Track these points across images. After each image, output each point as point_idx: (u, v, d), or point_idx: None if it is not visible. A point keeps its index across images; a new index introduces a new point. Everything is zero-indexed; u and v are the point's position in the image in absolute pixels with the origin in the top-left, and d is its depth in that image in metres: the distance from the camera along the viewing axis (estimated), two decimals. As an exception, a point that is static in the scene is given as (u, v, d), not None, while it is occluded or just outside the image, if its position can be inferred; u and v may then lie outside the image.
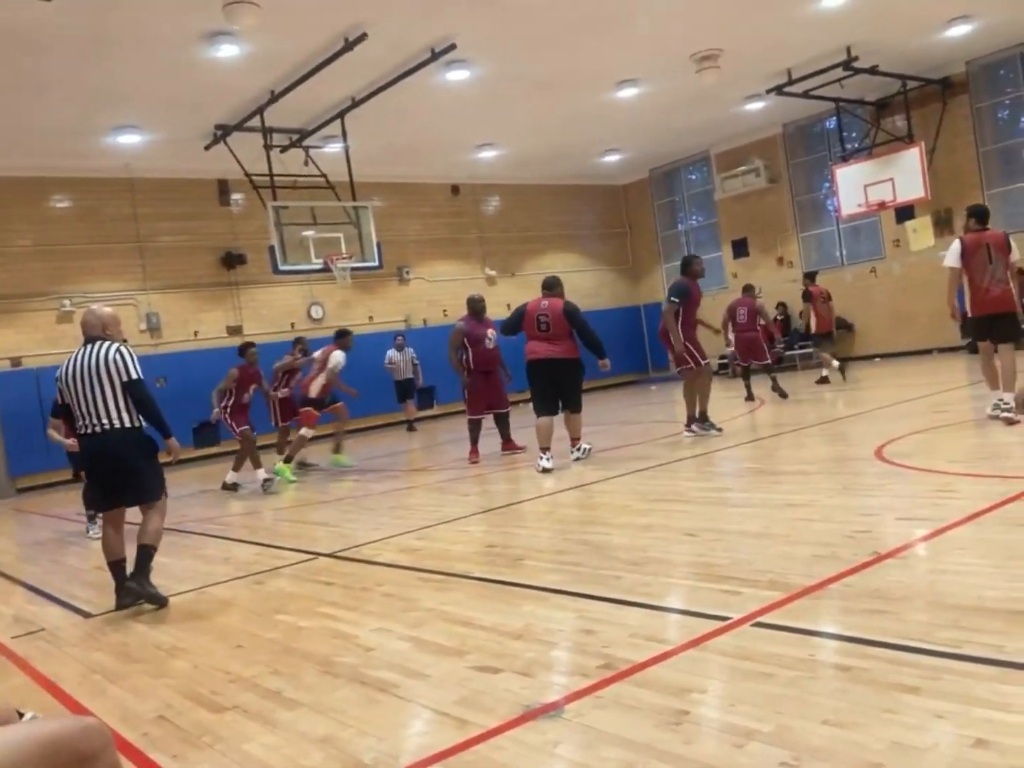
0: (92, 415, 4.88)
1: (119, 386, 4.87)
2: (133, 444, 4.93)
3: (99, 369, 4.86)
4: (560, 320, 8.32)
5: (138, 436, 4.96)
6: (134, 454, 4.93)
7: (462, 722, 2.76)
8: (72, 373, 4.93)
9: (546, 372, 8.34)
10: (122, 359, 4.89)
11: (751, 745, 2.35)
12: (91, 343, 4.99)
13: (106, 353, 4.89)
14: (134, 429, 4.93)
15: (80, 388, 4.88)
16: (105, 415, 4.86)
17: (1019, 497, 4.66)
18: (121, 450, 4.90)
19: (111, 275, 15.04)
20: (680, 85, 14.32)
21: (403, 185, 18.22)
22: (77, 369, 4.91)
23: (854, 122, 16.90)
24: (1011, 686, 2.48)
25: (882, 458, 6.43)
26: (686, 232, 21.45)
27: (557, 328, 8.32)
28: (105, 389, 4.86)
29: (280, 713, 3.08)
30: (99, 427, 4.87)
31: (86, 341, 5.03)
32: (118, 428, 4.87)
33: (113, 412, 4.87)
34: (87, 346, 4.98)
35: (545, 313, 8.37)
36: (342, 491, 8.98)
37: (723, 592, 3.73)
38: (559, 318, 8.32)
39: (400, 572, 5.03)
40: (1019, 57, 15.28)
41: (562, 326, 8.32)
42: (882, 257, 17.68)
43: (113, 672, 3.86)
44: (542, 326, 8.37)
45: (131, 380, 4.88)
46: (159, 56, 10.44)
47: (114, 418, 4.87)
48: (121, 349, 4.94)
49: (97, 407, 4.86)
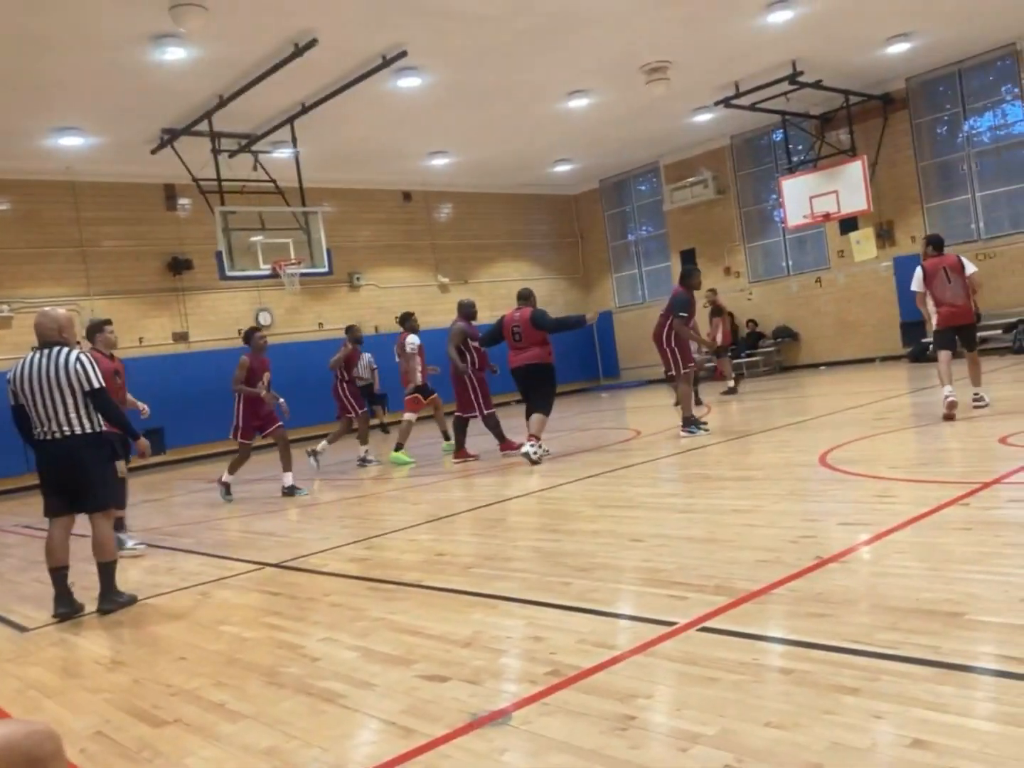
0: (51, 421, 4.84)
1: (80, 394, 4.85)
2: (92, 451, 4.92)
3: (59, 376, 4.82)
4: (529, 328, 8.94)
5: (97, 442, 4.95)
6: (92, 462, 4.92)
7: (408, 731, 2.74)
8: (28, 378, 4.86)
9: (520, 377, 9.08)
10: (83, 369, 4.86)
11: (696, 748, 2.37)
12: (48, 347, 4.91)
13: (66, 361, 4.85)
14: (94, 435, 4.93)
15: (38, 394, 4.83)
16: (65, 422, 4.84)
17: (955, 502, 4.79)
18: (80, 456, 4.88)
19: (53, 280, 14.70)
20: (630, 96, 14.49)
21: (354, 191, 18.12)
22: (34, 374, 4.85)
23: (799, 135, 17.26)
24: (947, 687, 2.54)
25: (826, 464, 6.55)
26: (636, 242, 21.68)
27: (528, 337, 8.96)
28: (66, 396, 4.83)
29: (223, 726, 3.02)
30: (58, 433, 4.84)
31: (42, 345, 4.94)
32: (78, 434, 4.86)
33: (73, 418, 4.85)
34: (43, 350, 4.90)
35: (518, 324, 9.04)
36: (291, 501, 8.87)
37: (670, 597, 3.76)
38: (528, 327, 8.95)
39: (348, 582, 4.98)
40: (957, 74, 15.76)
41: (532, 335, 8.94)
42: (827, 267, 18.06)
43: (49, 687, 3.76)
44: (516, 336, 9.06)
45: (93, 389, 4.87)
46: (103, 57, 10.26)
47: (74, 424, 4.85)
48: (82, 358, 4.91)
49: (57, 413, 4.83)
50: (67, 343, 4.99)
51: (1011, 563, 3.62)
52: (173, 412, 14.95)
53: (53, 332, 4.96)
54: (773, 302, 18.87)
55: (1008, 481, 5.17)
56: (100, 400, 4.91)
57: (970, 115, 16.01)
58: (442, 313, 19.46)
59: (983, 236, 15.84)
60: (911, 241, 16.54)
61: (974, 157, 15.95)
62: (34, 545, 7.36)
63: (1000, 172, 15.75)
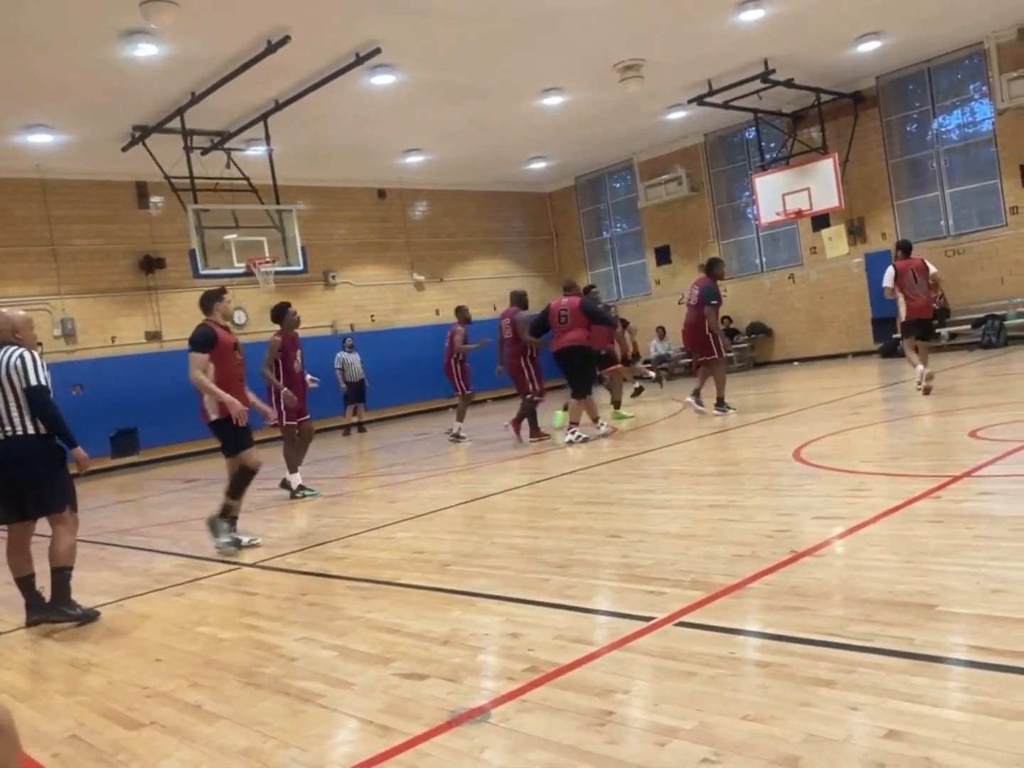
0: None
1: (20, 392, 4.68)
2: (36, 452, 4.73)
3: (1, 375, 4.68)
4: (577, 313, 9.69)
5: (43, 444, 4.76)
6: (36, 462, 4.73)
7: (387, 730, 2.74)
8: None
9: (562, 358, 9.79)
10: (23, 364, 4.70)
11: (674, 743, 2.39)
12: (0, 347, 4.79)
13: (8, 358, 4.71)
14: (39, 436, 4.73)
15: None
16: (8, 422, 4.68)
17: (927, 495, 4.85)
18: (23, 458, 4.70)
19: (23, 279, 14.49)
20: (604, 94, 14.52)
21: (328, 189, 18.02)
22: None
23: (772, 133, 17.39)
24: (921, 677, 2.58)
25: (800, 459, 6.61)
26: (611, 239, 21.74)
27: (574, 320, 9.68)
28: (7, 395, 4.67)
29: (199, 727, 3.00)
30: (1, 434, 4.68)
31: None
32: (20, 435, 4.69)
33: (16, 418, 4.68)
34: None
35: (565, 308, 9.77)
36: (266, 500, 8.81)
37: (647, 593, 3.78)
38: (576, 312, 9.70)
39: (325, 581, 4.96)
40: (926, 73, 15.94)
41: (578, 318, 9.67)
42: (800, 264, 18.21)
43: (22, 691, 3.72)
44: (562, 319, 9.75)
45: (30, 386, 4.68)
46: (72, 53, 10.12)
47: (17, 424, 4.68)
48: (24, 354, 4.75)
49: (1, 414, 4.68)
50: (21, 343, 4.83)
51: (982, 555, 3.67)
52: (146, 412, 14.82)
53: (6, 332, 4.82)
54: (747, 299, 19.00)
55: (978, 474, 5.24)
56: (36, 398, 4.69)
57: (939, 113, 16.20)
58: (418, 311, 19.46)
59: (952, 233, 16.03)
60: (882, 238, 16.73)
61: (943, 154, 16.14)
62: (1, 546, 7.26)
63: (969, 169, 15.94)
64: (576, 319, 9.61)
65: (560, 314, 9.74)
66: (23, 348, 4.83)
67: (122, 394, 14.47)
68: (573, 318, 9.63)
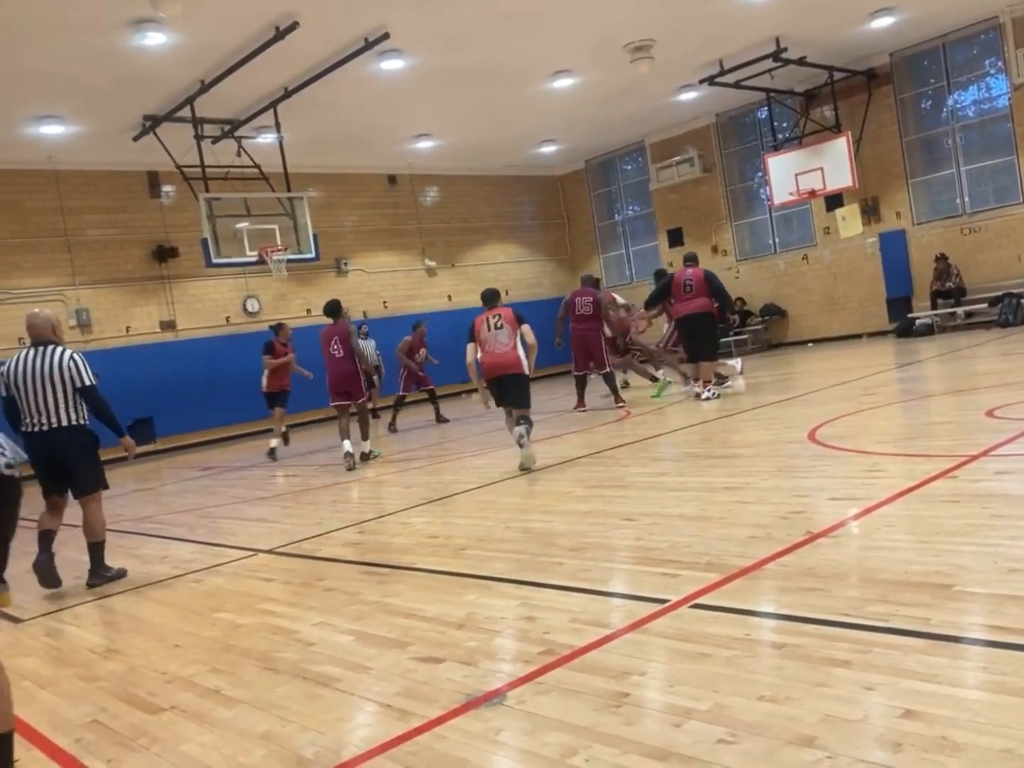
0: (41, 414, 5.20)
1: (71, 390, 5.22)
2: (77, 440, 5.28)
3: (52, 374, 5.18)
4: (701, 283, 10.47)
5: (81, 433, 5.31)
6: (77, 450, 5.29)
7: (404, 713, 2.76)
8: (23, 374, 5.23)
9: (687, 324, 10.56)
10: (76, 367, 5.24)
11: (689, 724, 2.39)
12: (42, 346, 5.26)
13: (60, 359, 5.23)
14: (78, 427, 5.28)
15: (30, 389, 5.20)
16: (54, 415, 5.20)
17: (943, 475, 4.83)
18: (65, 446, 5.25)
19: (38, 270, 14.59)
20: (614, 75, 14.42)
21: (339, 176, 18.01)
22: (28, 371, 5.21)
23: (784, 112, 17.22)
24: (937, 657, 2.57)
25: (815, 440, 6.58)
26: (623, 222, 21.64)
27: (699, 289, 10.45)
28: (57, 392, 5.19)
29: (219, 712, 3.03)
30: (46, 425, 5.20)
31: (36, 343, 5.30)
32: (64, 426, 5.22)
33: (62, 412, 5.21)
34: (38, 348, 5.27)
35: (690, 279, 10.54)
36: (281, 487, 8.87)
37: (662, 575, 3.79)
38: (701, 282, 10.46)
39: (342, 566, 4.99)
40: (941, 48, 15.74)
41: (703, 288, 10.44)
42: (813, 244, 18.08)
43: (44, 677, 3.76)
44: (687, 288, 10.51)
45: (84, 387, 5.25)
46: (82, 43, 10.13)
47: (62, 417, 5.21)
48: (75, 356, 5.29)
49: (48, 408, 5.19)
50: (60, 341, 5.38)
51: (999, 534, 3.65)
52: (162, 401, 14.93)
53: (47, 331, 5.33)
54: (760, 280, 18.89)
55: (995, 453, 5.21)
56: (91, 397, 5.29)
57: (954, 89, 15.99)
58: (431, 297, 19.45)
59: (968, 211, 15.87)
60: (896, 217, 16.57)
61: (959, 131, 15.95)
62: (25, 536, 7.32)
63: (985, 146, 15.75)
64: (701, 288, 10.43)
65: (685, 283, 10.57)
66: (69, 348, 5.39)
67: (138, 383, 14.55)
68: (698, 287, 10.45)
